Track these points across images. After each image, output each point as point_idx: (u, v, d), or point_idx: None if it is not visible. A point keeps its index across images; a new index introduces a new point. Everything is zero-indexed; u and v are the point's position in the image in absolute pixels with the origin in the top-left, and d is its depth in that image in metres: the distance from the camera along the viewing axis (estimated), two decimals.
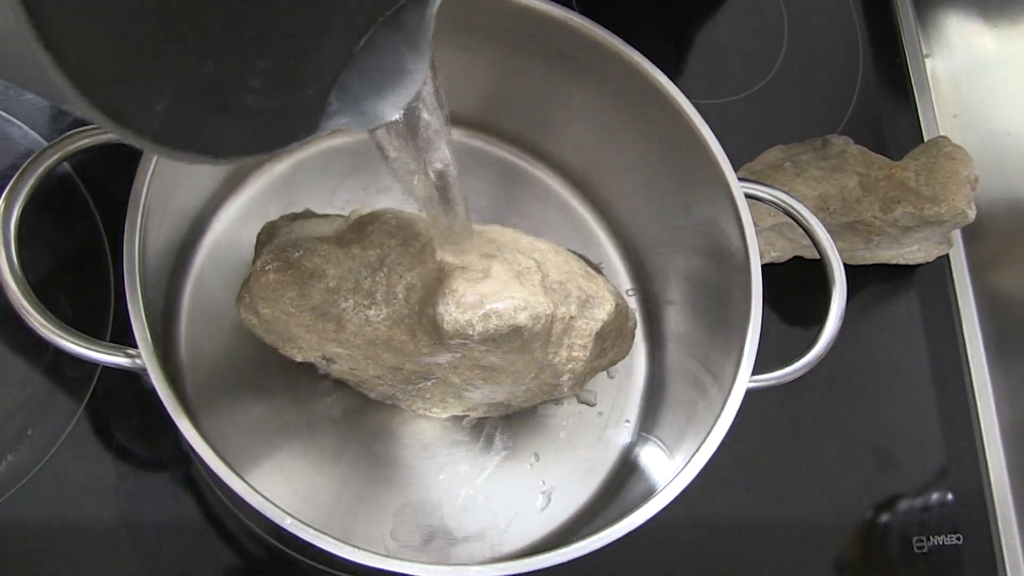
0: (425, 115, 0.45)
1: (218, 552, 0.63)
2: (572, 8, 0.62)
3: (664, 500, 0.53)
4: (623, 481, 0.66)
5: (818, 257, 0.62)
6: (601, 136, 0.70)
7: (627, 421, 0.69)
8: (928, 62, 0.91)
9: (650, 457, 0.66)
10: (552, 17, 0.62)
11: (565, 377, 0.60)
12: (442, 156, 0.48)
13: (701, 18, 0.88)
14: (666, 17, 0.87)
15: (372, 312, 0.56)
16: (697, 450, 0.55)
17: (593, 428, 0.68)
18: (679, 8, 0.88)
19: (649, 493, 0.54)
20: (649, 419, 0.69)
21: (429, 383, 0.59)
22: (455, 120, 0.72)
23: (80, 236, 0.67)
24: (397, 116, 0.42)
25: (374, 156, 0.71)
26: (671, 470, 0.57)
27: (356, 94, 0.40)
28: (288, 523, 0.48)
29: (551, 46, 0.65)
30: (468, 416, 0.66)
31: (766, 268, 0.61)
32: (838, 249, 0.62)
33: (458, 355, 0.55)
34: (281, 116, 0.37)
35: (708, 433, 0.55)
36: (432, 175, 0.49)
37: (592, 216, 0.75)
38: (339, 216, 0.65)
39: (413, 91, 0.42)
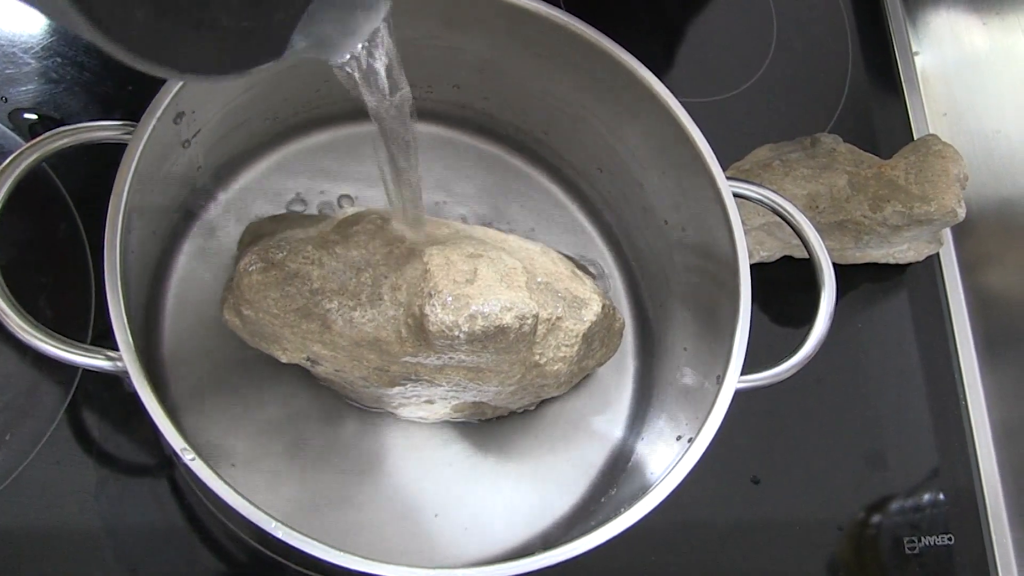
0: (383, 58, 0.47)
1: (201, 557, 0.62)
2: (559, 6, 0.62)
3: (652, 502, 0.53)
4: (613, 482, 0.66)
5: (807, 256, 0.61)
6: (591, 135, 0.70)
7: (617, 421, 0.69)
8: (917, 60, 0.91)
9: (640, 458, 0.66)
10: (539, 15, 0.62)
11: (552, 378, 0.59)
12: (396, 108, 0.51)
13: (689, 16, 0.88)
14: (654, 15, 0.87)
15: (357, 313, 0.56)
16: (687, 450, 0.55)
17: (583, 429, 0.68)
18: (667, 6, 0.88)
19: (639, 495, 0.54)
20: (639, 419, 0.69)
21: (415, 385, 0.59)
22: (449, 117, 0.73)
23: (60, 237, 0.66)
24: (355, 51, 0.45)
25: (360, 157, 0.71)
26: (661, 471, 0.57)
27: (321, 26, 0.42)
28: (273, 526, 0.48)
29: (540, 44, 0.64)
30: (455, 418, 0.65)
31: (755, 268, 0.61)
32: (827, 248, 0.62)
33: (444, 356, 0.55)
34: (249, 38, 0.38)
35: (697, 433, 0.55)
36: (387, 126, 0.52)
37: (583, 214, 0.75)
38: (324, 217, 0.64)
39: (371, 28, 0.45)
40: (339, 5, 0.42)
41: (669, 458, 0.58)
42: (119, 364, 0.50)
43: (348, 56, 0.46)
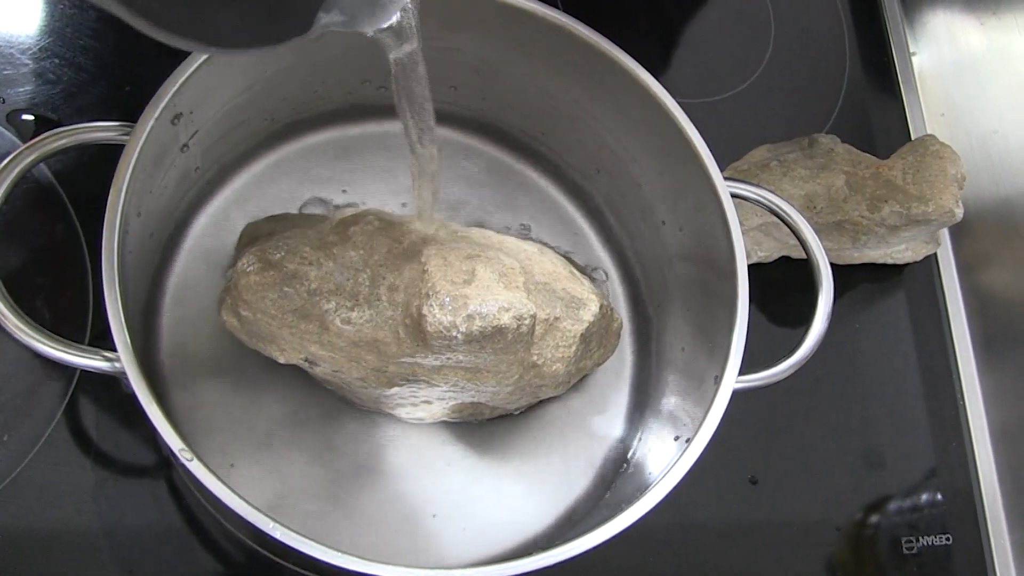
0: (408, 26, 0.47)
1: (199, 558, 0.62)
2: (557, 7, 0.62)
3: (650, 503, 0.53)
4: (612, 482, 0.66)
5: (805, 257, 0.61)
6: (589, 135, 0.70)
7: (615, 422, 0.69)
8: (915, 60, 0.91)
9: (638, 459, 0.66)
10: (536, 15, 0.62)
11: (550, 378, 0.59)
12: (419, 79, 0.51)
13: (687, 17, 0.88)
14: (652, 16, 0.87)
15: (355, 313, 0.56)
16: (685, 451, 0.55)
17: (581, 429, 0.68)
18: (664, 6, 0.88)
19: (637, 495, 0.54)
20: (637, 420, 0.69)
21: (413, 386, 0.59)
22: (446, 117, 0.73)
23: (58, 238, 0.66)
24: (383, 25, 0.45)
25: (358, 157, 0.71)
26: (658, 471, 0.57)
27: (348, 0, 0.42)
28: (271, 527, 0.48)
29: (537, 45, 0.64)
30: (453, 419, 0.65)
31: (753, 268, 0.61)
32: (825, 249, 0.62)
33: (442, 357, 0.55)
34: (276, 12, 0.38)
35: (695, 433, 0.55)
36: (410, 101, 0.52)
37: (581, 215, 0.74)
38: (321, 217, 0.64)
39: (397, 6, 0.45)
40: None
41: (667, 458, 0.58)
42: (117, 365, 0.50)
43: (383, 26, 0.46)
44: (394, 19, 0.46)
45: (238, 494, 0.48)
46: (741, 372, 0.57)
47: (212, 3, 0.35)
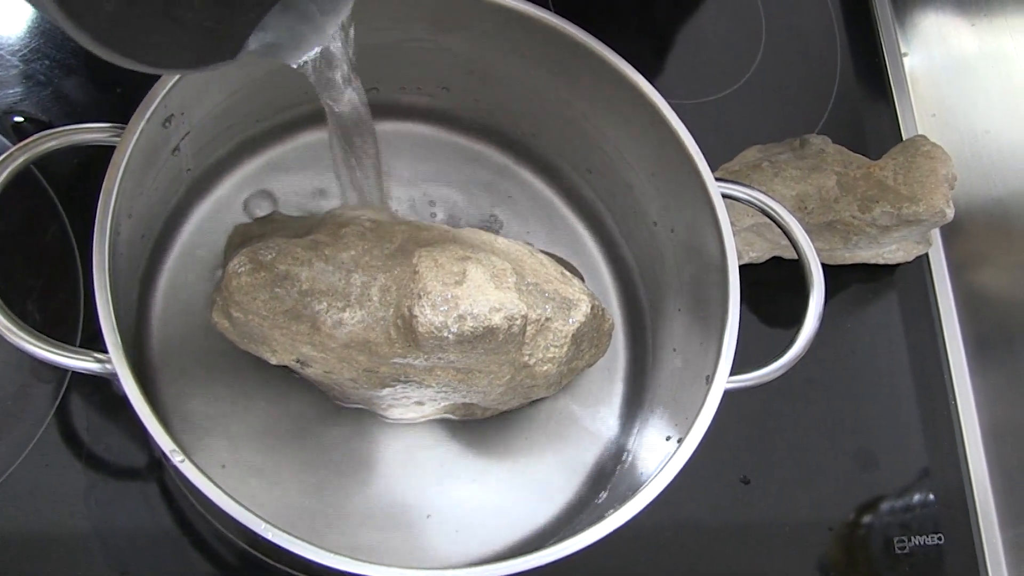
0: (332, 65, 0.51)
1: (191, 560, 0.62)
2: (548, 8, 0.62)
3: (642, 502, 0.53)
4: (604, 482, 0.66)
5: (796, 257, 0.61)
6: (581, 136, 0.70)
7: (607, 422, 0.69)
8: (906, 61, 0.91)
9: (631, 459, 0.66)
10: (528, 17, 0.62)
11: (541, 379, 0.59)
12: (349, 104, 0.54)
13: (679, 18, 0.88)
14: (644, 17, 0.87)
15: (346, 314, 0.56)
16: (676, 451, 0.55)
17: (574, 429, 0.68)
18: (657, 8, 0.88)
19: (629, 495, 0.54)
20: (629, 420, 0.69)
21: (405, 386, 0.59)
22: (439, 118, 0.73)
23: (49, 240, 0.66)
24: (303, 59, 0.48)
25: None
26: (651, 471, 0.57)
27: (275, 32, 0.44)
28: (262, 528, 0.48)
29: (528, 46, 0.64)
30: (445, 419, 0.65)
31: (745, 269, 0.61)
32: (816, 249, 0.62)
33: (433, 357, 0.55)
34: (207, 37, 0.40)
35: (687, 433, 0.55)
36: (340, 121, 0.55)
37: (574, 215, 0.74)
38: (313, 218, 0.64)
39: (323, 38, 0.48)
40: (293, 15, 0.44)
41: (659, 458, 0.58)
42: (108, 366, 0.50)
43: (303, 60, 0.48)
44: (313, 54, 0.48)
45: (229, 495, 0.48)
46: (733, 372, 0.57)
47: (149, 24, 0.37)
